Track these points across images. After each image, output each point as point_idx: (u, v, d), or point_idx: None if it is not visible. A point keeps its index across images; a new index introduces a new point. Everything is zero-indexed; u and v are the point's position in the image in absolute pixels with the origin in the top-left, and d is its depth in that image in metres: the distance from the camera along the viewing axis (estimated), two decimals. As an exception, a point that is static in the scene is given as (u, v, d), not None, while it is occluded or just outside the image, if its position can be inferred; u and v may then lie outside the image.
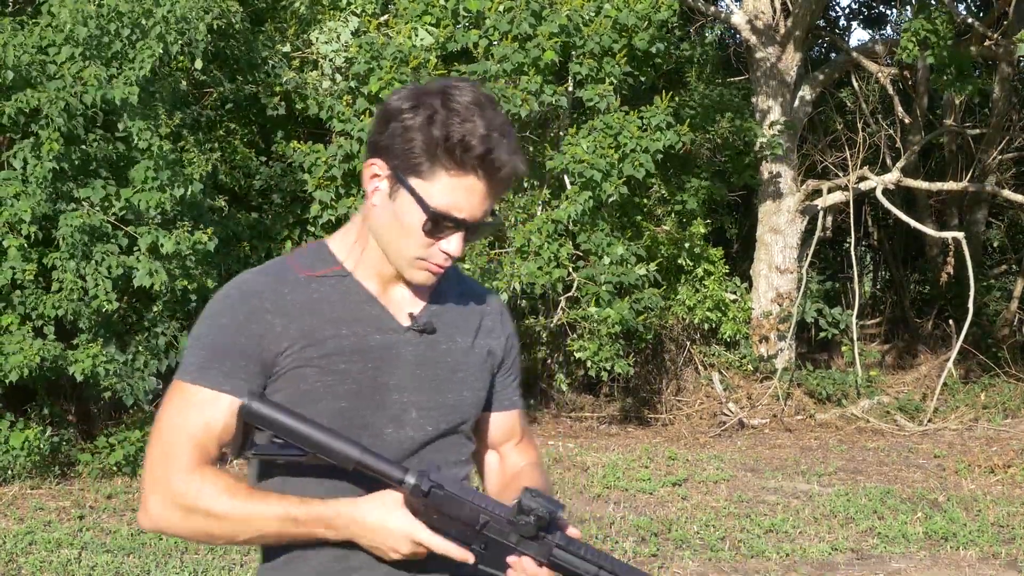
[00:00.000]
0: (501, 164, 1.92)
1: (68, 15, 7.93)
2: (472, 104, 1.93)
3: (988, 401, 12.36)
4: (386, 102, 1.98)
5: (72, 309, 7.93)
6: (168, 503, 1.91)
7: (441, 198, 1.92)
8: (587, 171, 10.03)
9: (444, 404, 2.05)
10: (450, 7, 10.29)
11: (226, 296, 1.99)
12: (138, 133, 8.06)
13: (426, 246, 1.96)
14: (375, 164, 1.97)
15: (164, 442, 1.94)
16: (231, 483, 1.92)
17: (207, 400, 1.93)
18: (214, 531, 1.91)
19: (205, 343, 1.96)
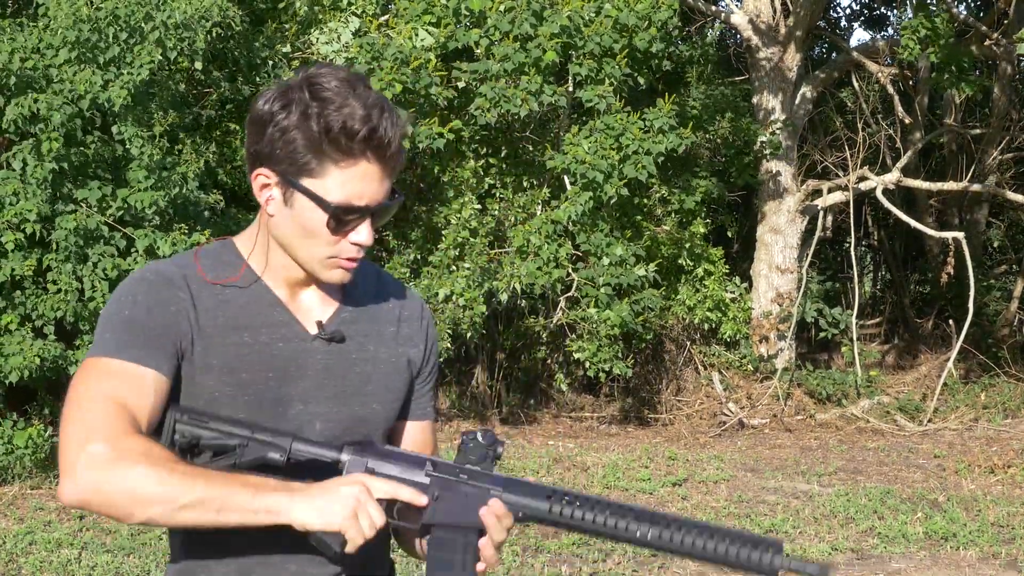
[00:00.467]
0: (389, 140, 1.85)
1: (64, 18, 7.93)
2: (341, 87, 1.85)
3: (988, 401, 12.36)
4: (252, 107, 1.91)
5: (71, 311, 7.94)
6: (100, 462, 1.71)
7: (338, 192, 1.85)
8: (589, 172, 10.03)
9: (351, 416, 1.97)
10: (451, 6, 10.30)
11: (141, 279, 1.90)
12: (130, 139, 8.07)
13: (334, 243, 1.89)
14: (261, 174, 1.89)
15: (86, 413, 1.77)
16: (169, 453, 1.78)
17: (129, 373, 1.82)
18: (149, 496, 1.70)
19: (122, 319, 1.86)
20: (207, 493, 1.72)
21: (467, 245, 10.14)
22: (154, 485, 1.71)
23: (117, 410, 1.78)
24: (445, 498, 1.86)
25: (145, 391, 1.82)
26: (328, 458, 1.86)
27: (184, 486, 1.72)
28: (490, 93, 9.94)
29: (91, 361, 1.85)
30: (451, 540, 1.85)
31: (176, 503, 1.72)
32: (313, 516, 1.75)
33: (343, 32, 10.18)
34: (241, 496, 1.73)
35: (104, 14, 8.00)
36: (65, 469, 1.74)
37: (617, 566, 6.53)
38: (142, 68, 8.00)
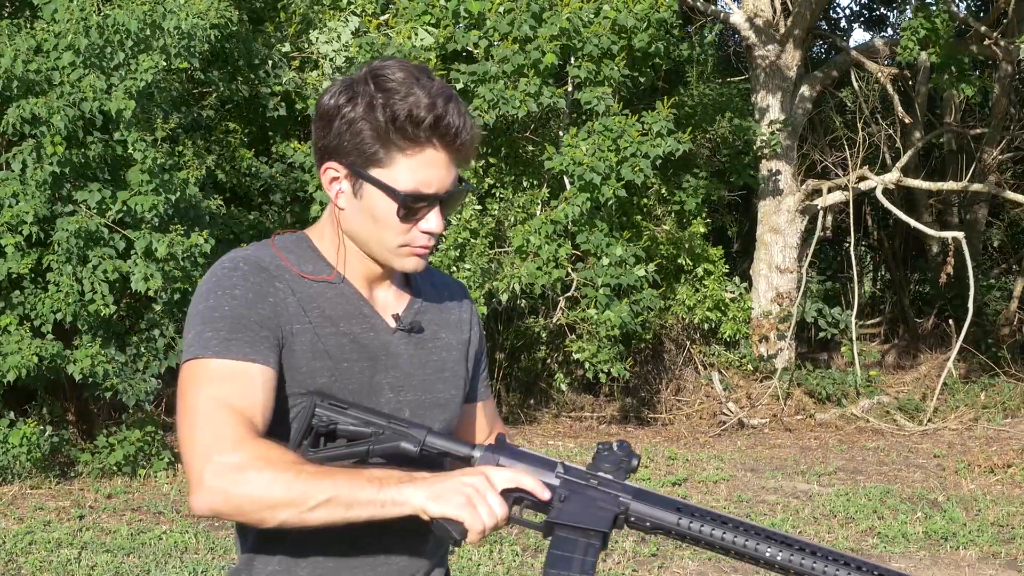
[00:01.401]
0: (455, 128, 1.87)
1: (71, 24, 7.93)
2: (406, 78, 1.87)
3: (988, 401, 12.35)
4: (319, 103, 1.92)
5: (71, 312, 7.94)
6: (227, 470, 1.72)
7: (407, 180, 1.87)
8: (587, 174, 10.04)
9: (436, 403, 2.03)
10: (450, 8, 10.30)
11: (234, 268, 1.89)
12: (133, 144, 8.07)
13: (406, 231, 1.91)
14: (330, 167, 1.91)
15: (203, 422, 1.77)
16: (291, 453, 1.78)
17: (239, 372, 1.81)
18: (280, 494, 1.71)
19: (220, 315, 1.84)
20: (335, 492, 1.72)
21: (468, 245, 10.14)
22: (283, 490, 1.71)
23: (234, 415, 1.78)
24: (572, 500, 1.84)
25: (257, 389, 1.83)
26: (461, 453, 1.87)
27: (312, 487, 1.72)
28: (488, 95, 9.95)
29: (197, 364, 1.83)
30: (573, 541, 1.82)
31: (306, 505, 1.72)
32: (432, 503, 1.74)
33: (342, 32, 10.18)
34: (367, 490, 1.73)
35: (112, 22, 8.00)
36: (193, 481, 1.75)
37: (617, 566, 6.53)
38: (146, 74, 8.01)
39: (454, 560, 6.51)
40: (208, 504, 1.74)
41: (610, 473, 1.86)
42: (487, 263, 10.16)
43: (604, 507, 1.83)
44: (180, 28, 8.15)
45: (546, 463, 1.87)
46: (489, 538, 6.87)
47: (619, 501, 1.84)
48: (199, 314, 1.87)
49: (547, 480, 1.84)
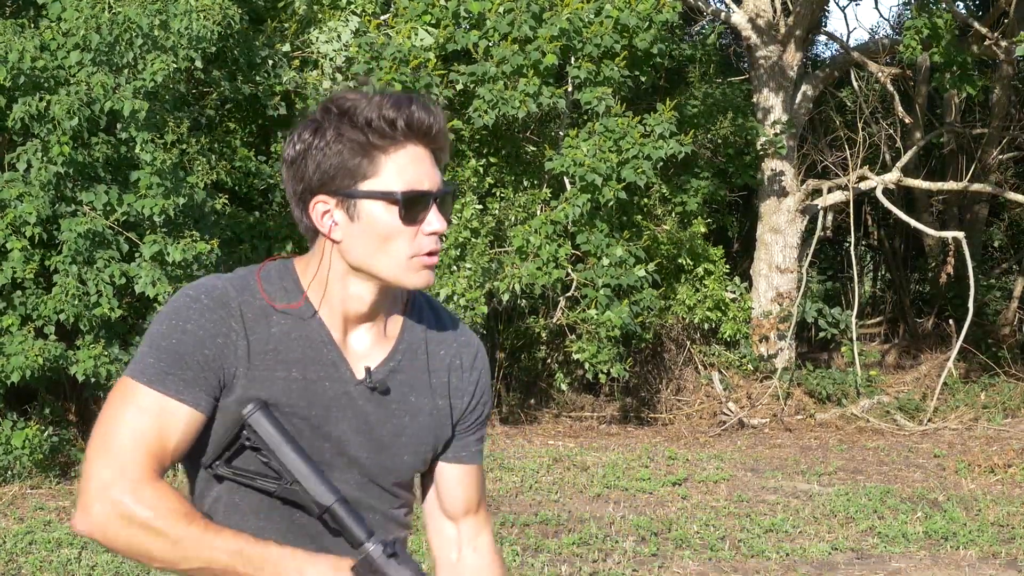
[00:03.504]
0: (426, 121, 1.86)
1: (82, 22, 7.94)
2: (362, 94, 1.88)
3: (988, 401, 12.36)
4: (284, 156, 1.91)
5: (74, 313, 7.94)
6: (115, 514, 1.78)
7: (399, 180, 1.85)
8: (588, 175, 10.04)
9: (380, 465, 1.97)
10: (451, 8, 10.30)
11: (195, 299, 1.87)
12: (142, 145, 8.07)
13: (411, 237, 1.87)
14: (319, 201, 1.87)
15: (115, 445, 1.80)
16: (187, 507, 1.82)
17: (165, 408, 1.83)
18: (156, 552, 1.79)
19: (167, 346, 1.84)
20: (210, 563, 1.79)
21: (468, 245, 10.14)
22: (160, 551, 1.79)
23: (144, 454, 1.81)
24: None
25: (178, 429, 1.84)
26: (356, 538, 1.87)
27: (189, 554, 1.79)
28: (488, 95, 9.95)
29: (129, 384, 1.85)
30: None
31: (179, 565, 1.80)
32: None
33: (342, 31, 10.18)
34: (244, 568, 1.79)
35: (122, 19, 8.00)
36: (82, 503, 1.81)
37: (617, 566, 6.53)
38: (156, 75, 8.01)
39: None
40: (87, 532, 1.81)
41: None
42: (487, 263, 10.16)
43: None
44: (190, 28, 8.15)
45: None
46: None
47: None
48: (150, 335, 1.88)
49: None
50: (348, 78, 10.18)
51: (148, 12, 8.02)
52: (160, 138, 8.33)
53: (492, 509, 7.74)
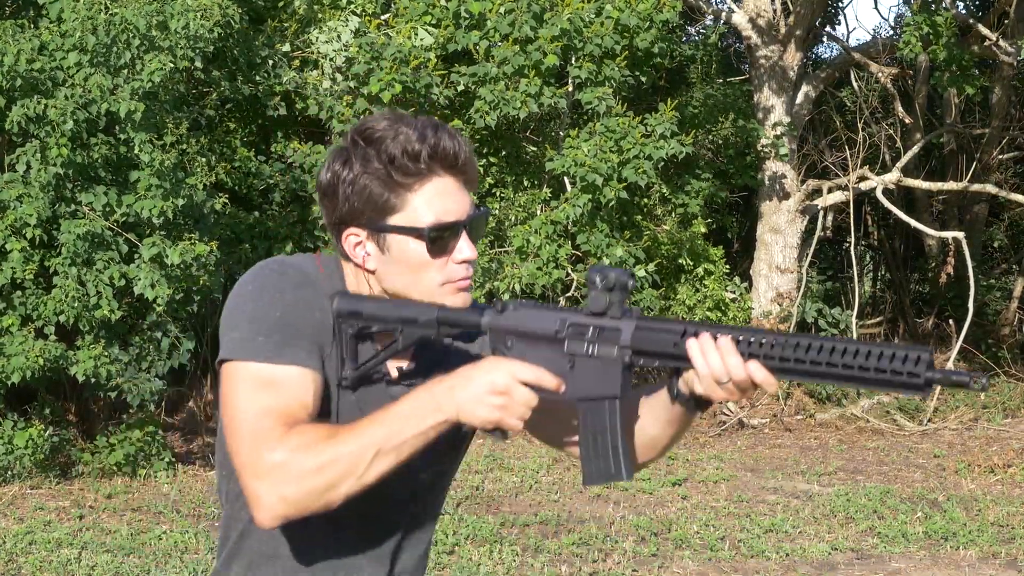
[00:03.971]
0: (452, 151, 1.88)
1: (79, 23, 7.94)
2: (390, 123, 1.89)
3: (988, 401, 12.36)
4: (318, 183, 1.95)
5: (74, 314, 7.94)
6: (280, 481, 1.76)
7: (426, 215, 1.88)
8: (588, 175, 10.03)
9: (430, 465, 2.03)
10: (451, 8, 10.30)
11: (281, 274, 1.90)
12: (140, 146, 8.08)
13: (442, 267, 1.91)
14: (351, 233, 1.91)
15: (247, 430, 1.80)
16: (324, 427, 1.81)
17: (291, 379, 1.83)
18: (333, 478, 1.76)
19: (273, 318, 1.85)
20: (378, 445, 1.77)
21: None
22: (331, 469, 1.76)
23: (275, 421, 1.80)
24: (578, 370, 1.85)
25: (305, 391, 1.85)
26: (471, 322, 1.91)
27: (355, 452, 1.77)
28: (489, 96, 9.95)
29: (243, 368, 1.85)
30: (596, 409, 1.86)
31: (358, 471, 1.77)
32: (467, 416, 1.79)
33: (343, 31, 10.18)
34: (407, 429, 1.79)
35: (119, 20, 8.00)
36: (251, 500, 1.80)
37: (617, 566, 6.54)
38: (153, 75, 8.01)
39: (453, 560, 6.52)
40: (273, 516, 1.79)
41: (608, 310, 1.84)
42: (487, 263, 10.16)
43: (609, 366, 1.84)
44: (188, 28, 8.15)
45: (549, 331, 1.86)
46: (489, 538, 6.88)
47: (621, 351, 1.83)
48: (247, 314, 1.87)
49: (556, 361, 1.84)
50: (348, 78, 10.19)
51: (145, 13, 8.02)
52: (159, 139, 8.33)
53: (492, 509, 7.74)
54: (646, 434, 1.98)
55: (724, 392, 1.76)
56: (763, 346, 1.73)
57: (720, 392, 1.76)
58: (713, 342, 1.74)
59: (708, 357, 1.75)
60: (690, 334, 1.77)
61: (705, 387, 1.78)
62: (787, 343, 1.71)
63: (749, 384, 1.74)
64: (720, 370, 1.74)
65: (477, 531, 7.03)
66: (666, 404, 1.92)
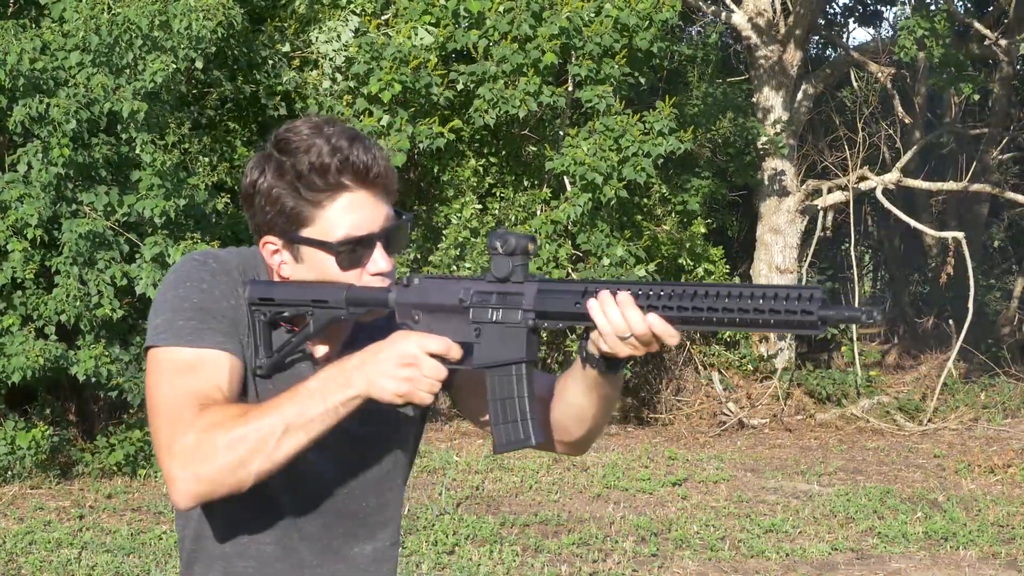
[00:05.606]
0: (363, 164, 1.87)
1: (82, 23, 7.94)
2: (309, 132, 1.89)
3: (988, 401, 12.36)
4: (241, 185, 1.95)
5: (75, 314, 7.94)
6: (192, 459, 1.78)
7: (336, 230, 1.88)
8: (588, 174, 10.03)
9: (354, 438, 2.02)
10: (450, 7, 10.30)
11: (202, 264, 1.94)
12: (142, 146, 8.07)
13: (355, 279, 1.91)
14: (268, 242, 1.93)
15: (168, 413, 1.82)
16: (236, 407, 1.83)
17: (209, 361, 1.86)
18: (243, 455, 1.77)
19: (191, 306, 1.88)
20: (286, 421, 1.79)
21: (468, 245, 10.14)
22: (241, 446, 1.77)
23: (192, 401, 1.82)
24: (484, 338, 1.86)
25: (223, 373, 1.87)
26: (380, 300, 1.91)
27: (264, 429, 1.78)
28: (488, 94, 9.95)
29: (165, 353, 1.87)
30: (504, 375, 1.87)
31: (268, 447, 1.78)
32: (376, 391, 1.80)
33: (342, 31, 10.18)
34: (314, 406, 1.80)
35: (121, 19, 8.00)
36: (167, 480, 1.82)
37: (617, 566, 6.54)
38: (156, 75, 8.01)
39: (453, 560, 6.52)
40: (187, 494, 1.80)
41: (511, 275, 1.84)
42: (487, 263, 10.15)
43: (514, 331, 1.84)
44: (190, 28, 8.15)
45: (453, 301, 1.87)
46: (489, 538, 6.89)
47: (524, 315, 1.83)
48: (168, 302, 1.90)
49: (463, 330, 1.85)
50: (348, 78, 10.19)
51: (147, 13, 8.02)
52: (161, 139, 8.33)
53: (492, 509, 7.75)
54: (573, 406, 1.98)
55: (628, 347, 1.77)
56: (661, 297, 1.74)
57: (623, 347, 1.77)
58: (612, 298, 1.76)
59: (608, 313, 1.76)
60: (591, 293, 1.78)
61: (609, 344, 1.78)
62: (684, 293, 1.73)
63: (651, 337, 1.75)
64: (621, 324, 1.75)
65: (477, 531, 7.03)
66: (581, 371, 1.92)
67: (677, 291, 1.74)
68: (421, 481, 8.39)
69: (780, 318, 1.66)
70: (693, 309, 1.72)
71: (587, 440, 2.05)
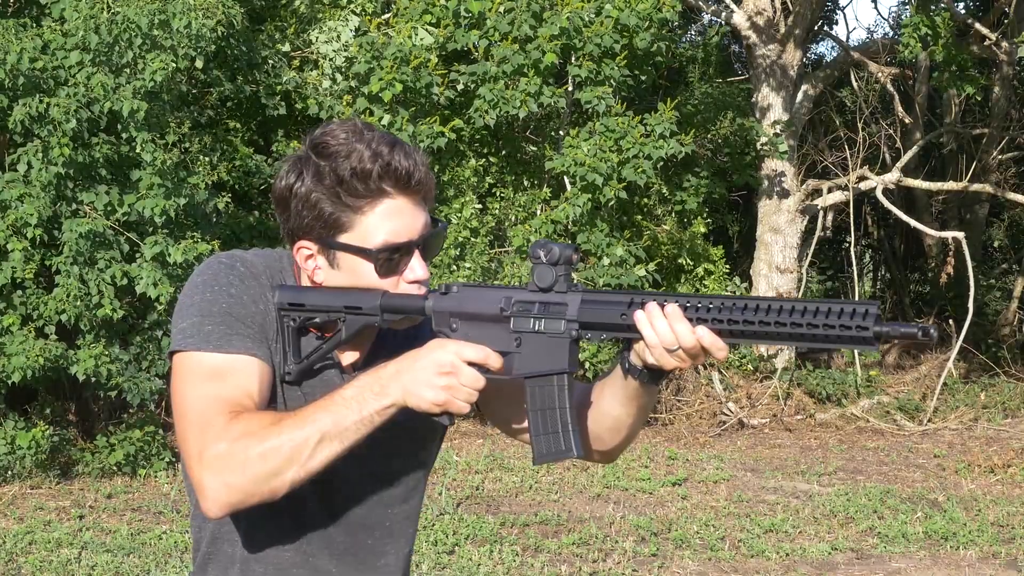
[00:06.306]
0: (405, 170, 1.85)
1: (82, 22, 7.94)
2: (348, 137, 1.87)
3: (988, 401, 12.36)
4: (273, 189, 1.93)
5: (75, 314, 7.93)
6: (224, 469, 1.75)
7: (375, 236, 1.86)
8: (588, 174, 10.03)
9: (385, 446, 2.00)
10: (451, 7, 10.30)
11: (230, 267, 1.91)
12: (143, 145, 8.08)
13: (392, 287, 1.89)
14: (303, 246, 1.90)
15: (197, 421, 1.79)
16: (269, 415, 1.80)
17: (237, 367, 1.83)
18: (278, 464, 1.74)
19: (220, 310, 1.85)
20: (322, 431, 1.75)
21: (468, 245, 10.13)
22: (275, 456, 1.74)
23: (221, 408, 1.79)
24: (526, 347, 1.84)
25: (252, 379, 1.84)
26: (416, 307, 1.88)
27: (299, 439, 1.75)
28: (489, 95, 9.95)
29: (192, 357, 1.85)
30: (545, 385, 1.84)
31: (302, 457, 1.75)
32: (412, 400, 1.77)
33: (343, 31, 10.18)
34: (350, 415, 1.77)
35: (121, 18, 8.00)
36: (197, 489, 1.79)
37: (617, 566, 6.54)
38: (155, 74, 8.01)
39: (453, 560, 6.52)
40: (218, 504, 1.77)
41: (554, 285, 1.82)
42: (487, 262, 10.16)
43: (556, 342, 1.82)
44: (190, 27, 8.15)
45: (494, 310, 1.84)
46: (489, 538, 6.88)
47: (568, 326, 1.81)
48: (195, 305, 1.87)
49: (502, 340, 1.83)
50: (348, 78, 10.18)
51: (147, 12, 8.02)
52: (161, 138, 8.33)
53: (492, 509, 7.75)
54: (609, 415, 1.96)
55: (675, 360, 1.76)
56: (711, 310, 1.72)
57: (671, 360, 1.76)
58: (660, 310, 1.73)
59: (656, 325, 1.74)
60: (637, 304, 1.76)
61: (656, 356, 1.76)
62: (734, 306, 1.71)
63: (699, 350, 1.74)
64: (669, 337, 1.73)
65: (477, 531, 7.03)
66: (621, 381, 1.90)
67: (728, 304, 1.71)
68: (421, 481, 8.39)
69: (835, 333, 1.64)
70: (744, 323, 1.70)
71: (620, 449, 2.03)
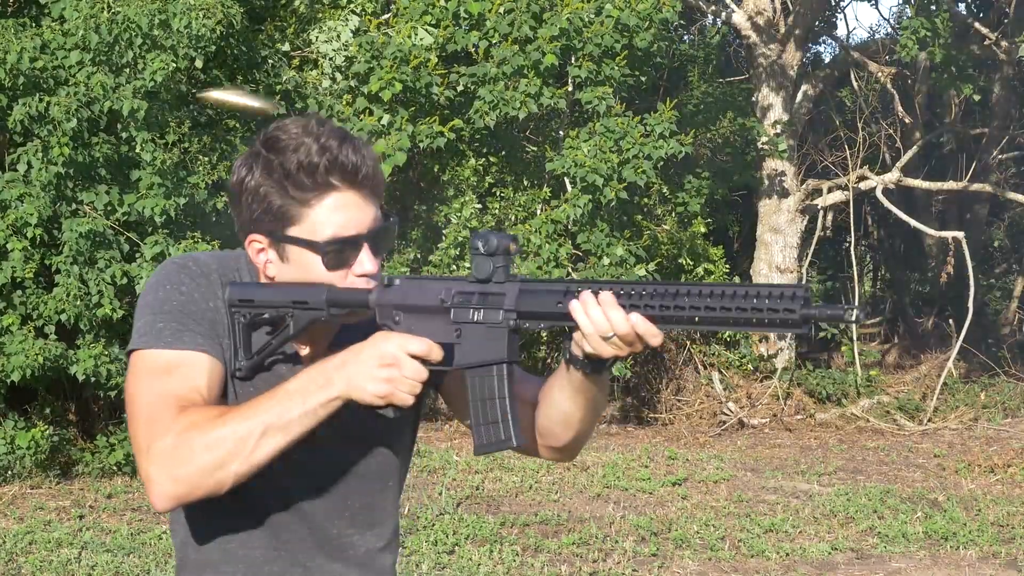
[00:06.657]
0: (352, 164, 1.86)
1: (82, 22, 7.94)
2: (298, 131, 1.88)
3: (988, 401, 12.36)
4: (228, 184, 1.94)
5: (75, 314, 7.93)
6: (170, 461, 1.76)
7: (323, 229, 1.86)
8: (589, 175, 10.03)
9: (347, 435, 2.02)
10: (451, 8, 10.29)
11: (182, 267, 1.93)
12: (143, 144, 8.08)
13: (341, 280, 1.89)
14: (253, 240, 1.91)
15: (146, 415, 1.81)
16: (215, 409, 1.81)
17: (188, 362, 1.85)
18: (222, 456, 1.75)
19: (171, 309, 1.88)
20: (266, 422, 1.77)
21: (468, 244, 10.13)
22: (220, 448, 1.76)
23: (170, 403, 1.81)
24: (465, 338, 1.84)
25: (202, 375, 1.86)
26: (360, 301, 1.89)
27: (243, 430, 1.76)
28: (489, 96, 9.95)
29: (145, 355, 1.87)
30: (486, 375, 1.85)
31: (246, 449, 1.77)
32: (355, 392, 1.77)
33: (342, 31, 10.17)
34: (294, 407, 1.78)
35: (122, 18, 8.00)
36: (145, 480, 1.80)
37: (617, 566, 6.54)
38: (156, 74, 8.01)
39: (453, 560, 6.52)
40: (164, 496, 1.78)
41: (493, 275, 1.85)
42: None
43: (495, 332, 1.83)
44: (190, 27, 8.15)
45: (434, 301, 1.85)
46: (489, 538, 6.88)
47: (506, 316, 1.83)
48: (148, 305, 1.90)
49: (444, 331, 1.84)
50: (348, 78, 10.18)
51: (147, 11, 8.02)
52: (161, 138, 8.33)
53: (492, 509, 7.75)
54: (559, 409, 1.97)
55: (612, 348, 1.75)
56: (643, 296, 1.73)
57: (607, 348, 1.76)
58: (594, 298, 1.74)
59: (591, 313, 1.74)
60: (572, 293, 1.77)
61: (592, 344, 1.77)
62: (667, 292, 1.71)
63: (634, 337, 1.73)
64: (604, 325, 1.74)
65: (477, 531, 7.03)
66: (565, 373, 1.91)
67: (659, 290, 1.72)
68: (421, 481, 8.39)
69: (762, 316, 1.65)
70: (675, 308, 1.70)
71: (575, 445, 2.03)
